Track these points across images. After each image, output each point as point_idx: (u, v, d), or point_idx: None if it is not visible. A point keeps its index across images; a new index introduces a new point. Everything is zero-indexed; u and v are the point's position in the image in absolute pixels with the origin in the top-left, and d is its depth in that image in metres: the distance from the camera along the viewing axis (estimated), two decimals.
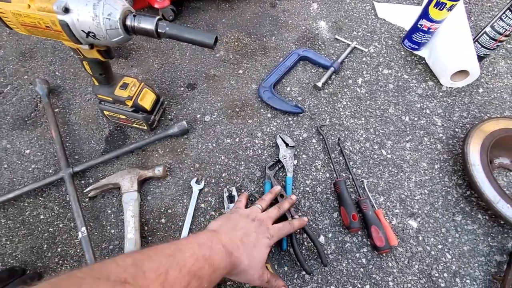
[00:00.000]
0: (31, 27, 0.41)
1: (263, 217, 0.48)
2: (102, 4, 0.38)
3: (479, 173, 0.58)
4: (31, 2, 0.38)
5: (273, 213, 0.50)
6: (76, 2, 0.37)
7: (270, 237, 0.46)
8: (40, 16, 0.38)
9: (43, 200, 0.57)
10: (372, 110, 0.71)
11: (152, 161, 0.61)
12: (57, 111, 0.67)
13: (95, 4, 0.37)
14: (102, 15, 0.38)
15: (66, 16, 0.38)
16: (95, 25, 0.38)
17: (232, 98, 0.71)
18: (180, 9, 0.85)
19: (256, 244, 0.44)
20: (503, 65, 0.83)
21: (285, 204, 0.52)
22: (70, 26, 0.38)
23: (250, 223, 0.46)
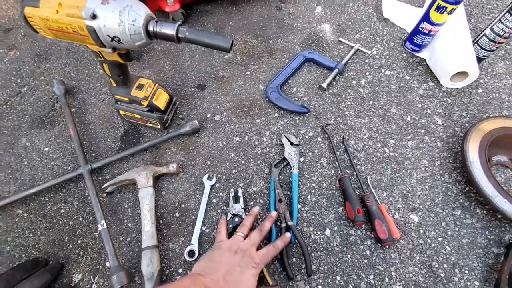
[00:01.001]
0: (58, 32, 0.44)
1: (245, 246, 0.48)
2: (128, 11, 0.41)
3: (478, 170, 0.61)
4: (59, 8, 0.41)
5: (255, 238, 0.50)
6: (103, 8, 0.40)
7: (256, 266, 0.46)
8: (68, 22, 0.41)
9: (63, 195, 0.60)
10: (375, 110, 0.74)
11: (166, 158, 0.64)
12: (73, 111, 0.70)
13: (121, 11, 0.40)
14: (128, 21, 0.41)
15: (93, 22, 0.41)
16: (120, 31, 0.41)
17: (240, 98, 0.74)
18: (189, 12, 0.88)
19: (240, 278, 0.44)
20: (502, 66, 0.86)
21: (266, 224, 0.53)
22: (97, 31, 0.41)
23: (233, 257, 0.46)
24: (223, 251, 0.48)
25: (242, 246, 0.48)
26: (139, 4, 0.43)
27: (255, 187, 0.62)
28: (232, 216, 0.58)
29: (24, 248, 0.54)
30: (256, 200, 0.61)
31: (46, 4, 0.41)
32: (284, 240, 0.52)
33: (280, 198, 0.59)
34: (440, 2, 0.71)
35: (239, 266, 0.45)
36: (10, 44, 0.81)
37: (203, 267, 0.46)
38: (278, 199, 0.59)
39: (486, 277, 0.56)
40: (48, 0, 0.41)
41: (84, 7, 0.40)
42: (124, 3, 0.41)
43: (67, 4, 0.41)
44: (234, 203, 0.59)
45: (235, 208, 0.59)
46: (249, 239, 0.50)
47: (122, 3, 0.41)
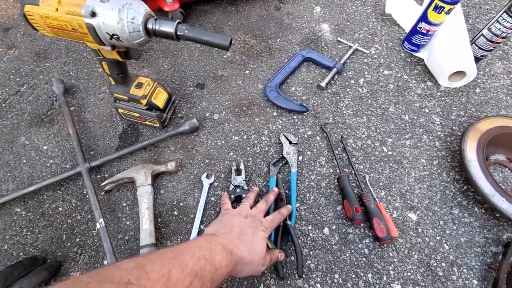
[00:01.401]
0: (58, 29, 0.44)
1: (254, 212, 0.51)
2: (127, 8, 0.41)
3: (476, 168, 0.61)
4: (58, 6, 0.41)
5: (262, 206, 0.53)
6: (103, 6, 0.41)
7: (265, 230, 0.48)
8: (67, 19, 0.42)
9: (62, 194, 0.60)
10: (374, 109, 0.75)
11: (164, 157, 0.64)
12: (72, 109, 0.70)
13: (120, 9, 0.41)
14: (127, 18, 0.41)
15: (92, 20, 0.41)
16: (120, 28, 0.41)
17: (239, 97, 0.74)
18: (188, 11, 0.88)
19: (253, 238, 0.46)
20: (500, 66, 0.86)
21: (270, 196, 0.56)
22: (96, 29, 0.42)
23: (244, 220, 0.48)
24: (233, 215, 0.50)
25: (251, 212, 0.51)
26: (139, 2, 0.43)
27: (253, 185, 0.62)
28: (234, 187, 0.60)
29: (22, 246, 0.54)
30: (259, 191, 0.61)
31: (46, 2, 0.42)
32: (288, 208, 0.56)
33: (282, 197, 0.59)
34: (437, 2, 0.72)
35: (251, 227, 0.47)
36: (10, 43, 0.81)
37: (215, 229, 0.47)
38: (279, 199, 0.59)
39: (484, 275, 0.56)
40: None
41: (83, 4, 0.41)
42: (124, 1, 0.41)
43: (66, 2, 0.41)
44: (236, 176, 0.61)
45: (237, 180, 0.61)
46: (256, 207, 0.53)
47: (122, 1, 0.41)
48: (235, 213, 0.50)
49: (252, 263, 0.45)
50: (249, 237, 0.46)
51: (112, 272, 0.31)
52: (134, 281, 0.30)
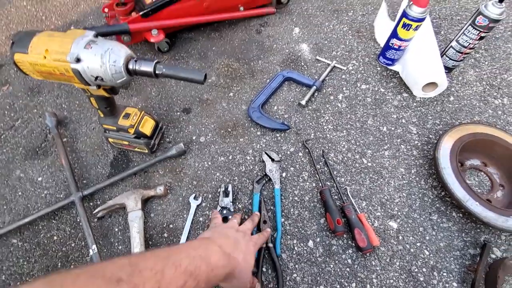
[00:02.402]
0: (46, 74, 0.48)
1: (243, 228, 0.54)
2: (108, 53, 0.45)
3: (449, 175, 0.64)
4: (46, 54, 0.45)
5: (249, 225, 0.56)
6: (86, 52, 0.45)
7: (254, 245, 0.51)
8: (55, 65, 0.46)
9: (56, 223, 0.62)
10: (353, 123, 0.78)
11: (154, 181, 0.68)
12: (65, 141, 0.73)
13: (102, 54, 0.45)
14: (109, 62, 0.45)
15: (78, 65, 0.45)
16: (103, 71, 0.45)
17: (224, 119, 0.78)
18: (174, 40, 0.93)
19: (246, 250, 0.48)
20: (472, 73, 0.90)
21: (255, 217, 0.60)
22: (81, 72, 0.46)
23: (236, 233, 0.51)
24: (226, 228, 0.52)
25: (241, 228, 0.53)
26: (120, 46, 0.47)
27: (240, 204, 0.65)
28: (221, 208, 0.63)
29: (18, 276, 0.57)
30: (242, 216, 0.64)
31: (35, 50, 0.46)
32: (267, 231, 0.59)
33: (265, 219, 0.62)
34: (405, 20, 0.76)
35: (243, 240, 0.49)
36: (3, 80, 0.86)
37: (211, 234, 0.49)
38: (263, 221, 0.62)
39: (463, 278, 0.58)
40: (36, 47, 0.46)
41: (69, 52, 0.45)
42: (106, 46, 0.46)
43: (53, 50, 0.45)
44: (224, 197, 0.64)
45: (224, 201, 0.64)
46: (244, 225, 0.55)
47: (104, 47, 0.45)
48: (228, 226, 0.53)
49: (244, 272, 0.45)
50: (243, 247, 0.48)
51: (105, 267, 0.30)
52: (125, 278, 0.29)
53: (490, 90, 0.87)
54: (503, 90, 0.87)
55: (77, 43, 0.45)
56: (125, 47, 0.48)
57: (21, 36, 0.47)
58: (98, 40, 0.46)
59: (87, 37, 0.46)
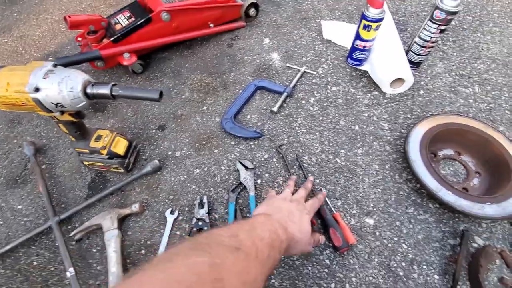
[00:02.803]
0: (10, 105, 0.50)
1: (297, 197, 0.56)
2: (65, 80, 0.47)
3: (420, 167, 0.65)
4: (8, 87, 0.48)
5: (302, 192, 0.58)
6: (44, 82, 0.47)
7: (308, 212, 0.53)
8: (16, 97, 0.48)
9: (36, 248, 0.63)
10: (325, 125, 0.79)
11: (131, 199, 0.68)
12: (44, 167, 0.75)
13: (59, 82, 0.47)
14: (66, 89, 0.47)
15: (37, 94, 0.47)
16: (61, 98, 0.48)
17: (198, 132, 0.79)
18: (148, 61, 0.96)
19: (301, 219, 0.50)
20: (441, 66, 0.92)
21: (308, 184, 0.62)
22: (41, 101, 0.48)
23: (289, 204, 0.53)
24: (279, 200, 0.54)
25: (294, 197, 0.56)
26: (77, 73, 0.50)
27: (216, 214, 0.66)
28: (196, 220, 0.63)
29: None
30: (218, 226, 0.64)
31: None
32: (323, 194, 0.62)
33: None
34: (365, 22, 0.79)
35: (297, 210, 0.51)
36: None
37: (265, 209, 0.51)
38: None
39: (445, 269, 0.58)
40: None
41: (27, 83, 0.47)
42: (63, 74, 0.48)
43: (14, 82, 0.47)
44: (200, 209, 0.64)
45: (200, 213, 0.64)
46: (297, 193, 0.58)
47: (61, 75, 0.48)
48: (280, 198, 0.55)
49: (302, 241, 0.48)
50: (297, 218, 0.50)
51: (220, 236, 0.37)
52: (240, 247, 0.35)
53: (460, 80, 0.88)
54: (474, 78, 0.88)
55: (35, 74, 0.47)
56: (82, 74, 0.50)
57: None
58: (56, 69, 0.49)
59: (45, 68, 0.48)
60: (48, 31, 1.11)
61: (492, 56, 0.93)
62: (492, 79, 0.88)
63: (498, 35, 0.99)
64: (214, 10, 0.97)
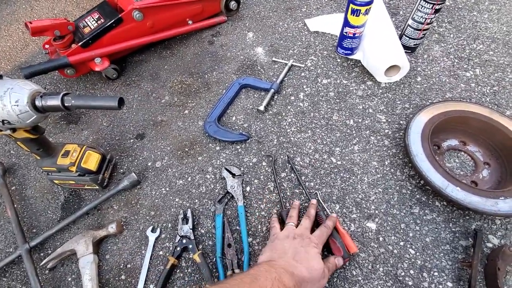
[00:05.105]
0: None
1: (300, 231, 0.51)
2: (8, 93, 0.41)
3: (423, 162, 0.59)
4: None
5: (306, 223, 0.53)
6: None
7: (316, 245, 0.49)
8: None
9: (6, 280, 0.57)
10: (317, 121, 0.73)
11: (108, 218, 0.62)
12: (13, 189, 0.68)
13: (2, 96, 0.40)
14: (10, 103, 0.41)
15: None
16: (6, 113, 0.41)
17: (180, 139, 0.73)
18: (124, 65, 0.90)
19: (308, 257, 0.47)
20: (438, 49, 0.86)
21: (311, 211, 0.56)
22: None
23: (293, 242, 0.49)
24: (282, 240, 0.50)
25: (298, 231, 0.51)
26: (23, 83, 0.43)
27: (202, 229, 0.60)
28: (180, 238, 0.57)
29: None
30: (205, 242, 0.58)
31: None
32: (332, 219, 0.55)
33: (230, 242, 0.56)
34: (353, 6, 0.72)
35: (302, 247, 0.48)
36: None
37: (269, 256, 0.48)
38: (227, 244, 0.56)
39: (458, 275, 0.52)
40: None
41: None
42: (5, 87, 0.41)
43: None
44: (183, 225, 0.58)
45: (184, 229, 0.58)
46: (301, 225, 0.53)
47: (3, 87, 0.41)
48: (283, 237, 0.51)
49: (314, 280, 0.45)
50: (303, 256, 0.47)
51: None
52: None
53: (459, 63, 0.82)
54: (474, 60, 0.82)
55: None
56: (29, 84, 0.44)
57: None
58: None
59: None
60: (19, 41, 1.05)
61: (491, 36, 0.87)
62: (494, 59, 0.81)
63: (495, 13, 0.93)
64: (191, 6, 0.90)
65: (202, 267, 0.53)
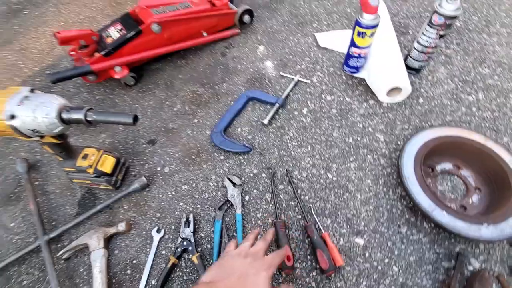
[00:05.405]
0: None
1: (254, 250, 0.49)
2: (40, 107, 0.47)
3: (414, 185, 0.62)
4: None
5: (261, 245, 0.50)
6: (19, 109, 0.47)
7: (267, 269, 0.46)
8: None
9: (26, 267, 0.64)
10: (318, 137, 0.77)
11: (118, 217, 0.68)
12: (37, 184, 0.76)
13: (34, 109, 0.47)
14: (40, 116, 0.47)
15: (13, 121, 0.47)
16: (37, 124, 0.48)
17: (188, 147, 0.78)
18: (141, 72, 0.96)
19: (256, 280, 0.44)
20: (443, 71, 0.88)
21: (268, 235, 0.53)
22: (18, 128, 0.48)
23: (243, 261, 0.46)
24: (233, 257, 0.48)
25: (251, 251, 0.49)
26: (53, 98, 0.49)
27: (202, 233, 0.65)
28: (181, 240, 0.62)
29: None
30: (204, 245, 0.63)
31: None
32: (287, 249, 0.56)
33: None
34: (358, 28, 0.75)
35: (252, 269, 0.45)
36: None
37: (214, 275, 0.45)
38: (223, 249, 0.61)
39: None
40: None
41: (3, 110, 0.47)
42: (37, 101, 0.48)
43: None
44: (185, 228, 0.64)
45: (185, 232, 0.63)
46: (255, 246, 0.50)
47: (35, 102, 0.48)
48: (234, 254, 0.49)
49: None
50: (251, 280, 0.44)
51: None
52: None
53: (463, 86, 0.84)
54: (478, 84, 0.84)
55: (11, 101, 0.47)
56: (58, 99, 0.50)
57: None
58: (32, 95, 0.49)
59: (21, 94, 0.48)
60: (46, 43, 1.13)
61: (498, 60, 0.88)
62: (498, 84, 0.83)
63: (505, 37, 0.93)
64: (207, 19, 0.95)
65: (199, 268, 0.58)
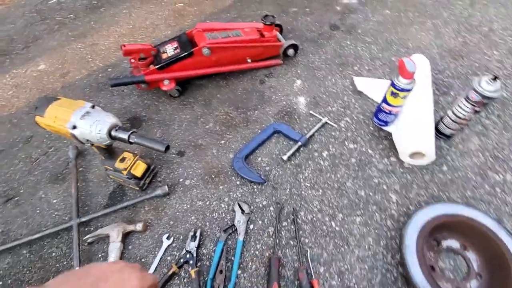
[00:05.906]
0: (55, 131, 0.63)
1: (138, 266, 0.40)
2: (96, 124, 0.58)
3: (411, 254, 0.63)
4: (55, 119, 0.60)
5: None
6: (81, 122, 0.58)
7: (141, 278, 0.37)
8: (60, 128, 0.60)
9: (57, 241, 0.76)
10: (331, 183, 0.80)
11: (139, 216, 0.78)
12: (81, 170, 0.88)
13: (91, 124, 0.58)
14: (95, 131, 0.57)
15: (74, 131, 0.58)
16: (91, 137, 0.58)
17: (211, 165, 0.86)
18: (186, 86, 1.06)
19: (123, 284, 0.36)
20: (476, 142, 0.86)
21: None
22: (77, 136, 0.59)
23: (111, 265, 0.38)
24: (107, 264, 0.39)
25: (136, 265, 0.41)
26: (107, 117, 0.60)
27: (205, 249, 0.72)
28: (186, 252, 0.69)
29: (20, 283, 0.70)
30: (204, 262, 0.70)
31: (48, 115, 0.61)
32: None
33: (222, 269, 0.67)
34: (392, 89, 0.77)
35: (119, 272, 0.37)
36: None
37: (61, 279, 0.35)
38: (219, 270, 0.67)
39: None
40: (49, 114, 0.60)
41: (69, 120, 0.58)
42: (95, 118, 0.58)
43: (59, 118, 0.59)
44: (191, 241, 0.71)
45: (190, 245, 0.70)
46: None
47: (93, 118, 0.58)
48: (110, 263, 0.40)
49: None
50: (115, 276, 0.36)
51: None
52: None
53: (493, 162, 0.81)
54: (509, 164, 0.81)
55: (75, 114, 0.58)
56: (112, 118, 0.60)
57: (42, 103, 0.62)
58: (92, 111, 0.59)
59: (84, 109, 0.59)
60: (114, 43, 1.28)
61: None
62: None
63: None
64: (254, 49, 1.02)
65: (194, 284, 0.65)
